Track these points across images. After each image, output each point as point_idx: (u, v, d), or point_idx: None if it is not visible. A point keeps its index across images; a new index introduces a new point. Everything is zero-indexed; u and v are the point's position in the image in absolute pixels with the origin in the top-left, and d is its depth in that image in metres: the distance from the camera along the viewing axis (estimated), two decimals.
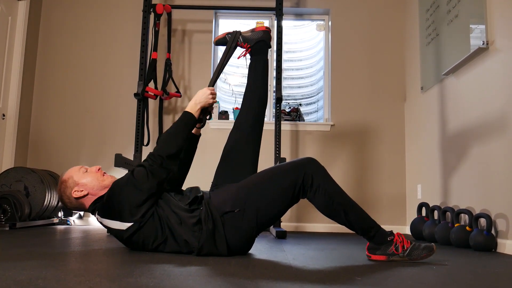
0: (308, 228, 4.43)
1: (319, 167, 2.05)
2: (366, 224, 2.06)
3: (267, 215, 2.03)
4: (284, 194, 2.03)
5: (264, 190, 2.03)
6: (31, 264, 1.62)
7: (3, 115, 4.33)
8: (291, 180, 2.01)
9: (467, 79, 3.29)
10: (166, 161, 2.04)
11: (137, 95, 4.00)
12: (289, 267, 1.79)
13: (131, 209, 1.96)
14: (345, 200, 2.04)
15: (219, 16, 4.95)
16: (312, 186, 2.01)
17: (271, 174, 2.07)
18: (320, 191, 2.00)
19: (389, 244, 2.04)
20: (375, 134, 4.60)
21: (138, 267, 1.61)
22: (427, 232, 3.40)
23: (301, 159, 2.08)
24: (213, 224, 1.97)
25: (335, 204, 2.01)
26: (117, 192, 1.99)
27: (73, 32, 4.83)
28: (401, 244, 2.04)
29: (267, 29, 2.38)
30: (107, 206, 2.02)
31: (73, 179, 2.10)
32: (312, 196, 2.02)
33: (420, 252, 2.02)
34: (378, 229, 2.07)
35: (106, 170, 4.53)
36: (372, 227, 2.06)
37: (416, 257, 2.02)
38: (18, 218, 3.63)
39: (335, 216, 2.04)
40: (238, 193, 2.04)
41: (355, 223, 2.05)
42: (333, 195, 2.02)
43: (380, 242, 2.06)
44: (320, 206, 2.04)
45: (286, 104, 4.95)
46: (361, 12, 4.79)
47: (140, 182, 1.98)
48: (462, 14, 3.34)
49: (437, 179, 3.75)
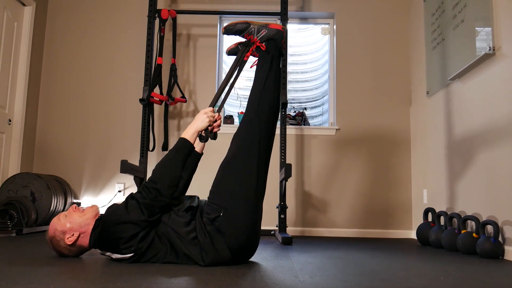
0: (313, 233, 4.42)
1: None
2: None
3: (249, 193, 2.03)
4: (248, 158, 2.06)
5: (229, 177, 2.05)
6: (42, 272, 1.63)
7: (9, 120, 4.34)
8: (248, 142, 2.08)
9: (474, 85, 3.27)
10: (161, 194, 1.99)
11: (143, 100, 4.01)
12: (297, 282, 1.78)
13: (127, 243, 1.95)
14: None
15: (223, 21, 4.95)
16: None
17: (225, 162, 2.09)
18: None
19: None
20: (380, 138, 4.58)
21: (145, 278, 1.61)
22: (433, 238, 3.39)
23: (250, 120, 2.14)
24: (208, 234, 1.98)
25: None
26: (111, 230, 1.97)
27: (78, 37, 4.84)
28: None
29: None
30: (103, 242, 2.01)
31: (58, 230, 2.05)
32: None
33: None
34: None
35: (112, 176, 4.56)
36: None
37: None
38: (24, 224, 3.65)
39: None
40: (212, 197, 2.05)
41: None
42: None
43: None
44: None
45: (291, 107, 4.94)
46: (366, 16, 4.78)
47: (133, 218, 1.95)
48: (468, 19, 3.32)
49: (443, 184, 3.73)
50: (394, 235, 4.42)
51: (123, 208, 1.98)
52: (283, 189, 3.80)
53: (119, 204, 2.04)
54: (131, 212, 1.96)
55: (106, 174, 4.60)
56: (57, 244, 2.08)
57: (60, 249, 2.09)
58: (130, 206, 1.98)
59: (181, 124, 4.64)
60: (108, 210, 2.04)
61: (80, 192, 4.60)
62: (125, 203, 2.01)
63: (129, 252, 1.97)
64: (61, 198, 4.11)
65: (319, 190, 4.52)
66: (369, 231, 4.43)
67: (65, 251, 2.09)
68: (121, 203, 2.04)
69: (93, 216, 2.08)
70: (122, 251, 1.96)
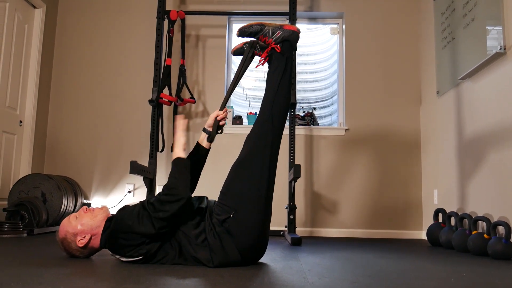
0: (322, 233, 4.41)
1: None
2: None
3: (260, 195, 2.03)
4: (260, 163, 2.06)
5: (240, 179, 2.04)
6: (52, 273, 1.64)
7: (20, 121, 4.38)
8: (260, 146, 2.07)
9: (485, 84, 3.24)
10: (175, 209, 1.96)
11: (152, 101, 4.02)
12: (305, 283, 1.78)
13: (134, 249, 1.97)
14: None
15: (232, 21, 4.95)
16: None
17: (237, 163, 2.09)
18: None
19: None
20: (390, 138, 4.56)
21: (154, 280, 1.62)
22: (444, 239, 3.36)
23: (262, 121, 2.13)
24: (218, 236, 1.98)
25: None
26: (120, 237, 1.97)
27: (88, 39, 4.87)
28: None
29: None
30: (112, 245, 2.01)
31: (70, 232, 2.05)
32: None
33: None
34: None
35: (121, 176, 4.58)
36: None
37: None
38: (35, 224, 3.68)
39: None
40: (222, 198, 2.05)
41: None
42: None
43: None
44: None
45: (300, 108, 4.93)
46: (375, 16, 4.76)
47: (142, 230, 1.94)
48: (479, 18, 3.29)
49: (453, 184, 3.70)
50: (404, 235, 4.39)
51: (135, 217, 1.96)
52: (292, 189, 3.80)
53: (131, 209, 2.02)
54: (142, 224, 1.94)
55: (116, 174, 4.63)
56: (68, 246, 2.08)
57: (71, 250, 2.10)
58: (142, 216, 1.96)
59: (190, 124, 4.65)
60: (120, 215, 2.02)
61: (90, 193, 4.63)
62: (137, 211, 1.98)
63: (138, 256, 1.98)
64: (71, 198, 4.14)
65: (328, 191, 4.50)
66: (378, 231, 4.41)
67: (76, 252, 2.10)
68: (134, 208, 2.02)
69: (104, 218, 2.09)
70: (133, 255, 1.98)
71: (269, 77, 2.21)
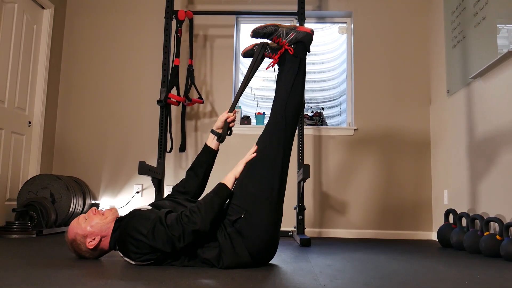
0: (331, 234, 4.38)
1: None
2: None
3: (272, 196, 2.02)
4: (272, 162, 2.06)
5: (252, 179, 2.04)
6: (61, 274, 1.63)
7: (29, 122, 4.40)
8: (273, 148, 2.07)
9: (496, 83, 3.20)
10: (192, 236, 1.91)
11: (160, 101, 4.02)
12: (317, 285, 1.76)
13: (146, 257, 1.95)
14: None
15: (240, 21, 4.94)
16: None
17: (250, 164, 2.08)
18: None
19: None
20: (400, 138, 4.52)
21: (165, 282, 1.60)
22: (455, 240, 3.33)
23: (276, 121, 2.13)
24: (229, 236, 1.96)
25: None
26: (130, 242, 1.94)
27: (96, 39, 4.88)
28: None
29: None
30: (124, 248, 1.99)
31: (79, 233, 2.03)
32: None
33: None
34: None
35: (130, 177, 4.58)
36: None
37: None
38: (44, 225, 3.69)
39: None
40: (234, 199, 2.03)
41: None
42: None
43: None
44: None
45: (309, 108, 4.91)
46: (384, 14, 4.72)
47: (154, 245, 1.90)
48: (490, 17, 3.25)
49: (464, 184, 3.66)
50: (414, 236, 4.35)
51: (150, 230, 1.90)
52: (301, 190, 3.78)
53: (146, 215, 1.96)
54: (155, 239, 1.89)
55: (124, 175, 4.63)
56: (78, 247, 2.08)
57: (80, 252, 2.10)
58: (157, 231, 1.90)
59: (198, 125, 4.64)
60: (131, 220, 1.97)
61: (99, 193, 4.63)
62: (153, 224, 1.91)
63: (148, 260, 1.96)
64: (80, 199, 4.14)
65: (337, 191, 4.48)
66: (388, 232, 4.37)
67: (86, 254, 2.10)
68: (149, 216, 1.96)
69: (113, 219, 2.08)
70: (142, 259, 1.96)
71: (280, 78, 2.20)
